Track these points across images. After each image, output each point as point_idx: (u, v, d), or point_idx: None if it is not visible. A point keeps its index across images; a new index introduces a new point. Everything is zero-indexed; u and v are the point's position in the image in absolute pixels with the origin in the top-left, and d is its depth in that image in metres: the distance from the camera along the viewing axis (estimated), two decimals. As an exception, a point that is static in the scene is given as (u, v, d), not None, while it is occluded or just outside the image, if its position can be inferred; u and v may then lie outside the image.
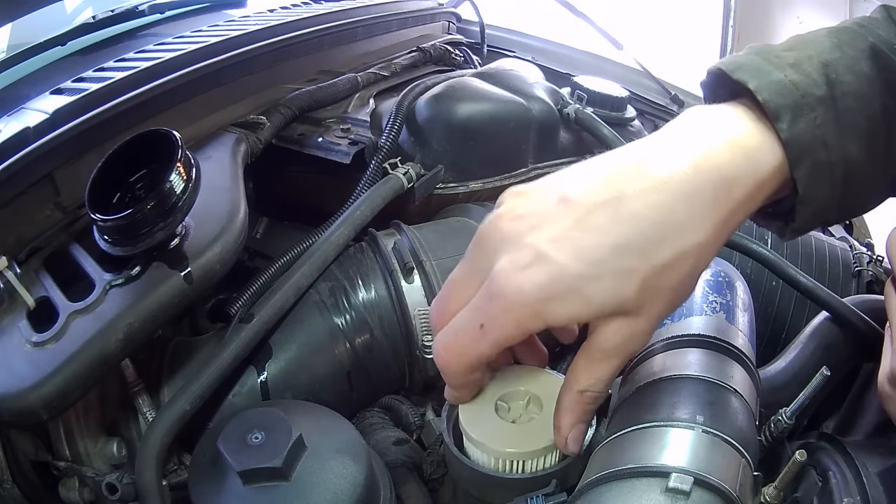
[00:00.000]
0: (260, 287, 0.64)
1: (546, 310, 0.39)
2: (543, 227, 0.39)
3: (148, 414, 0.58)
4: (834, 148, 0.40)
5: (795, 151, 0.39)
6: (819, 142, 0.39)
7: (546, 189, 0.42)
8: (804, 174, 0.40)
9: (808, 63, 0.41)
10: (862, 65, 0.41)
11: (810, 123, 0.39)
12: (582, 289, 0.38)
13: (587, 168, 0.42)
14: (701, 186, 0.38)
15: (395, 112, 0.81)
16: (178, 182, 0.52)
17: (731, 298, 0.56)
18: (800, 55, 0.41)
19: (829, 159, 0.40)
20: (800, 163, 0.39)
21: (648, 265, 0.38)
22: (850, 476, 0.44)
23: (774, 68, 0.40)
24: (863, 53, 0.41)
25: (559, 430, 0.45)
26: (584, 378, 0.43)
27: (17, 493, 0.54)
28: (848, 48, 0.42)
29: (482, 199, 0.83)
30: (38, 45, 0.92)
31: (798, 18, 2.08)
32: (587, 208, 0.39)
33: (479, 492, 0.49)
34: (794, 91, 0.40)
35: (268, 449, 0.47)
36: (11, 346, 0.50)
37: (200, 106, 0.78)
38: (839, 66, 0.41)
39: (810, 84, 0.40)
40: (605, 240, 0.38)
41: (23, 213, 0.60)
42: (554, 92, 0.92)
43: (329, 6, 1.11)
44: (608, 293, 0.38)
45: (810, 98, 0.39)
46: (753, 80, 0.40)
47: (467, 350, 0.42)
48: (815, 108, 0.39)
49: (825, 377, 0.47)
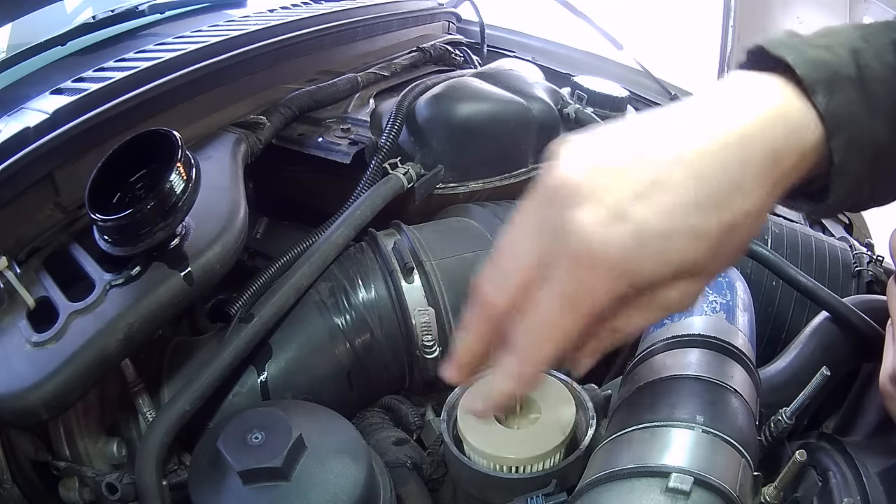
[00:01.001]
0: (260, 287, 0.64)
1: (632, 269, 0.38)
2: (621, 184, 0.38)
3: (148, 414, 0.58)
4: (865, 126, 0.41)
5: (832, 124, 0.40)
6: (853, 118, 0.41)
7: (610, 140, 0.41)
8: (840, 146, 0.40)
9: (839, 48, 0.42)
10: (887, 56, 0.42)
11: (844, 100, 0.40)
12: (663, 247, 0.38)
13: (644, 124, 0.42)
14: (755, 154, 0.39)
15: (395, 112, 0.81)
16: (178, 182, 0.52)
17: (731, 298, 0.56)
18: (830, 41, 0.43)
19: (861, 136, 0.41)
20: (836, 135, 0.40)
21: (718, 224, 0.39)
22: (850, 476, 0.44)
23: (809, 47, 0.42)
24: (888, 46, 0.43)
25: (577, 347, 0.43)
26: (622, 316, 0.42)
27: (17, 493, 0.54)
28: (874, 39, 0.43)
29: (482, 199, 0.83)
30: (38, 45, 0.92)
31: (798, 18, 2.08)
32: (662, 167, 0.38)
33: (479, 492, 0.49)
34: (828, 68, 0.41)
35: (268, 449, 0.47)
36: (11, 346, 0.50)
37: (200, 106, 0.78)
38: (867, 53, 0.42)
39: (842, 64, 0.41)
40: (685, 198, 0.38)
41: (23, 213, 0.60)
42: (554, 92, 0.92)
43: (329, 6, 1.11)
44: (686, 251, 0.38)
45: (842, 77, 0.41)
46: (791, 55, 0.41)
47: (556, 328, 0.40)
48: (846, 87, 0.41)
49: (825, 377, 0.47)
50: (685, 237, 0.38)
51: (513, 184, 0.85)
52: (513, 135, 0.84)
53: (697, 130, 0.40)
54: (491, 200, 0.82)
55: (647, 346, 0.53)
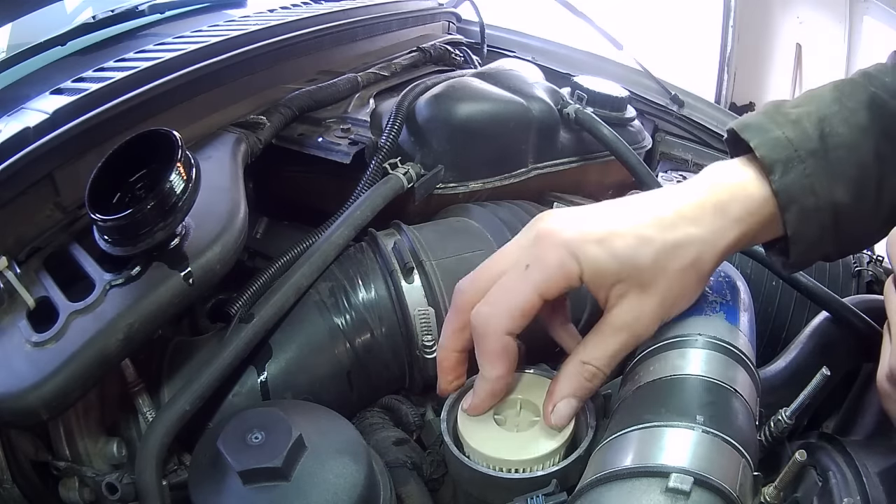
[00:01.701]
0: (260, 287, 0.64)
1: (582, 250, 0.45)
2: (586, 213, 0.48)
3: (148, 414, 0.58)
4: (821, 195, 0.46)
5: (784, 199, 0.46)
6: (807, 190, 0.46)
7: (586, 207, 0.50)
8: (793, 218, 0.47)
9: (806, 119, 0.48)
10: (858, 116, 0.47)
11: (800, 174, 0.46)
12: (610, 239, 0.46)
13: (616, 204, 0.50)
14: (706, 202, 0.47)
15: (395, 112, 0.81)
16: (178, 182, 0.52)
17: (731, 298, 0.56)
18: (801, 111, 0.48)
19: (816, 205, 0.47)
20: (789, 208, 0.46)
21: (662, 239, 0.46)
22: (850, 476, 0.44)
23: (775, 126, 0.48)
24: (861, 105, 0.48)
25: (550, 396, 0.48)
26: (589, 348, 0.47)
27: (17, 493, 0.54)
28: (848, 101, 0.48)
29: (482, 199, 0.83)
30: (38, 45, 0.92)
31: (798, 18, 2.08)
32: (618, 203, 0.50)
33: (479, 492, 0.49)
34: (789, 146, 0.47)
35: (268, 449, 0.47)
36: (11, 346, 0.50)
37: (200, 106, 0.78)
38: (835, 119, 0.47)
39: (805, 139, 0.47)
40: (632, 215, 0.47)
41: (23, 213, 0.60)
42: (554, 92, 0.92)
43: (329, 6, 1.11)
44: (630, 249, 0.45)
45: (802, 151, 0.47)
46: (755, 139, 0.47)
47: (513, 297, 0.46)
48: (804, 160, 0.46)
49: (825, 377, 0.47)
50: (630, 238, 0.46)
51: (513, 184, 0.85)
52: (513, 135, 0.84)
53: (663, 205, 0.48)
54: (491, 200, 0.82)
55: (647, 347, 0.53)
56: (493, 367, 0.47)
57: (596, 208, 0.49)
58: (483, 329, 0.47)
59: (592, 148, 0.91)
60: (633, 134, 0.98)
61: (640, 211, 0.47)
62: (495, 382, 0.48)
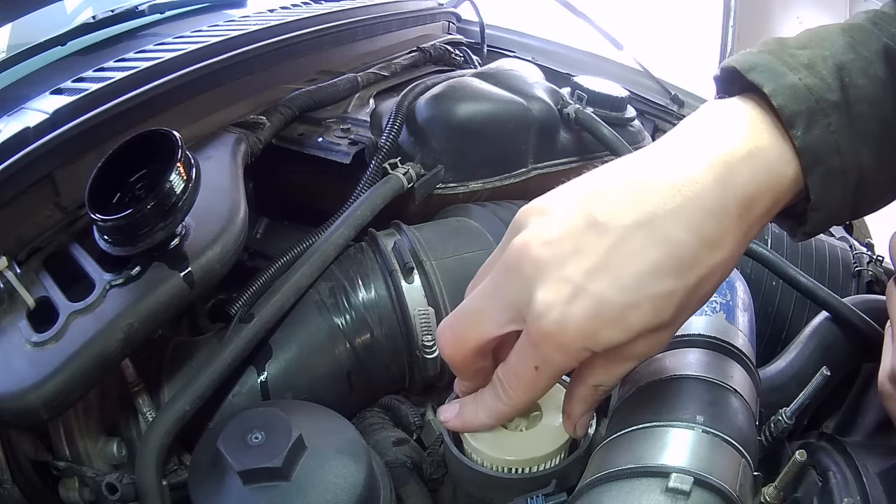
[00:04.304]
0: (260, 287, 0.64)
1: (592, 340, 0.39)
2: (579, 258, 0.38)
3: (148, 414, 0.58)
4: (847, 154, 0.39)
5: (809, 159, 0.39)
6: (833, 148, 0.39)
7: (571, 207, 0.40)
8: (817, 181, 0.40)
9: (822, 64, 0.40)
10: (876, 67, 0.40)
11: (824, 130, 0.39)
12: (624, 317, 0.38)
13: (609, 180, 0.41)
14: (727, 204, 0.38)
15: (395, 112, 0.81)
16: (178, 182, 0.52)
17: (731, 298, 0.56)
18: (814, 55, 0.41)
19: (842, 166, 0.40)
20: (813, 170, 0.39)
21: (683, 286, 0.38)
22: (850, 476, 0.44)
23: (789, 70, 0.40)
24: (877, 55, 0.41)
25: (569, 417, 0.46)
26: (600, 374, 0.43)
27: (17, 493, 0.54)
28: (862, 49, 0.41)
29: (482, 199, 0.83)
30: (38, 45, 0.92)
31: (798, 18, 2.08)
32: (620, 234, 0.38)
33: (479, 492, 0.49)
34: (809, 96, 0.39)
35: (268, 449, 0.47)
36: (11, 346, 0.50)
37: (200, 106, 0.78)
38: (853, 68, 0.40)
39: (825, 88, 0.39)
40: (643, 266, 0.37)
41: (23, 213, 0.60)
42: (554, 92, 0.92)
43: (329, 6, 1.11)
44: (649, 317, 0.38)
45: (824, 103, 0.39)
46: (769, 84, 0.40)
47: (529, 391, 0.43)
48: (829, 114, 0.39)
49: (825, 377, 0.47)
50: (646, 306, 0.38)
51: (513, 184, 0.85)
52: (513, 135, 0.84)
53: (670, 184, 0.38)
54: (491, 200, 0.82)
55: (647, 346, 0.53)
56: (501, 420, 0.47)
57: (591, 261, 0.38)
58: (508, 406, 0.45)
59: (592, 148, 0.91)
60: (633, 134, 0.98)
61: (646, 249, 0.38)
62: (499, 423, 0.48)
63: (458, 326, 0.44)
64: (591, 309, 0.38)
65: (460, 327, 0.44)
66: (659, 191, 0.38)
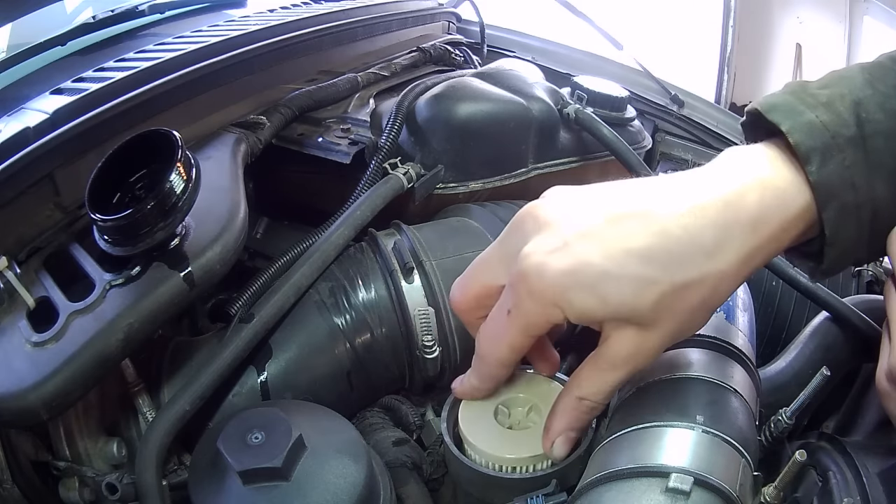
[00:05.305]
0: (260, 287, 0.64)
1: (565, 298, 0.40)
2: (576, 222, 0.40)
3: (148, 414, 0.58)
4: (862, 189, 0.40)
5: (824, 193, 0.40)
6: (847, 183, 0.40)
7: (590, 192, 0.43)
8: (832, 216, 0.40)
9: (840, 102, 0.41)
10: (893, 102, 0.41)
11: (839, 165, 0.40)
12: (601, 285, 0.39)
13: (626, 185, 0.43)
14: (730, 220, 0.39)
15: (395, 112, 0.81)
16: (178, 182, 0.52)
17: (731, 298, 0.56)
18: (833, 93, 0.42)
19: (856, 200, 0.40)
20: (828, 204, 0.40)
21: (669, 280, 0.39)
22: (850, 476, 0.44)
23: (807, 108, 0.41)
24: (893, 90, 0.42)
25: (548, 432, 0.45)
26: (585, 385, 0.44)
27: (17, 493, 0.54)
28: (880, 84, 0.42)
29: (482, 199, 0.83)
30: (38, 45, 0.92)
31: (798, 18, 2.08)
32: (620, 213, 0.40)
33: (479, 492, 0.49)
34: (825, 132, 0.40)
35: (268, 449, 0.47)
36: (11, 346, 0.50)
37: (200, 106, 0.78)
38: (871, 103, 0.41)
39: (841, 124, 0.40)
40: (632, 245, 0.39)
41: (23, 213, 0.60)
42: (554, 92, 0.92)
43: (329, 6, 1.11)
44: (625, 297, 0.39)
45: (840, 139, 0.40)
46: (786, 122, 0.41)
47: (498, 338, 0.44)
48: (844, 150, 0.40)
49: (825, 377, 0.47)
50: (626, 282, 0.39)
51: (513, 184, 0.85)
52: (513, 135, 0.84)
53: (678, 195, 0.41)
54: (491, 200, 0.82)
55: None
56: (484, 381, 0.49)
57: (585, 225, 0.40)
58: (481, 355, 0.47)
59: (592, 148, 0.91)
60: (633, 134, 0.98)
61: (641, 233, 0.39)
62: (486, 387, 0.50)
63: (465, 276, 0.47)
64: (571, 264, 0.39)
65: (466, 276, 0.47)
66: (666, 197, 0.41)
